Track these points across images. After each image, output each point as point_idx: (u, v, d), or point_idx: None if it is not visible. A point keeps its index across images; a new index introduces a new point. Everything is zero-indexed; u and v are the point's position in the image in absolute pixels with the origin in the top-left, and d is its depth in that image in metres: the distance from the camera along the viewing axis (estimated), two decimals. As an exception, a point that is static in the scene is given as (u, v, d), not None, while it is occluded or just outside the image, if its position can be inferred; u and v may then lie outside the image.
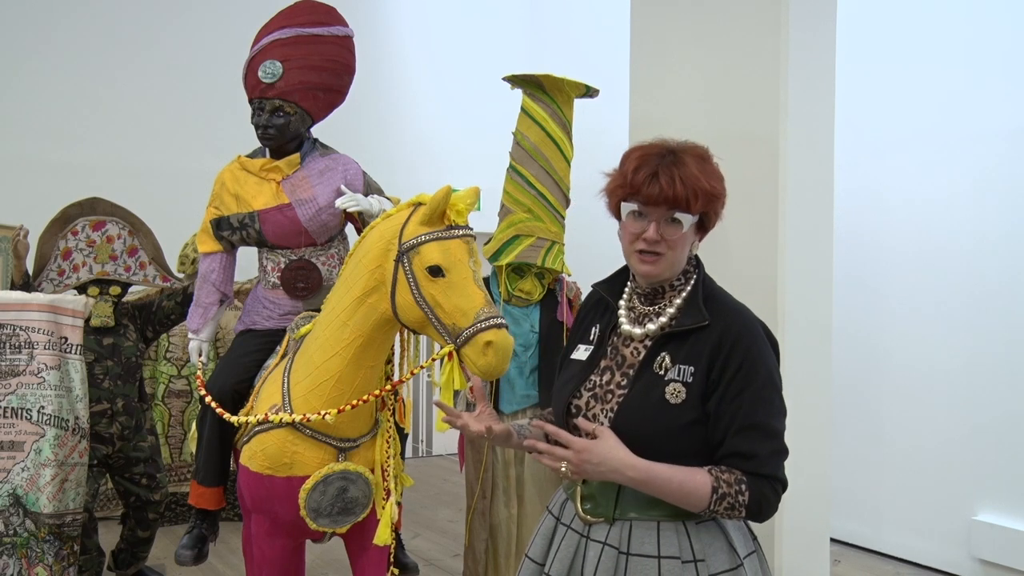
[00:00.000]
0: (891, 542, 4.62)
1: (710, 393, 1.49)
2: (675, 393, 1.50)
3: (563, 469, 1.53)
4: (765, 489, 1.46)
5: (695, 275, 1.62)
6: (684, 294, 1.60)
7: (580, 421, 1.57)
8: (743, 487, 1.45)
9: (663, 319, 1.58)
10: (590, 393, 1.62)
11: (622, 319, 1.65)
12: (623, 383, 1.58)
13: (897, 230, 4.60)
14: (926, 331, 4.46)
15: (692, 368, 1.51)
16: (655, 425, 1.51)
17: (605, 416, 1.57)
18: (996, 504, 4.17)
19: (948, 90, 4.40)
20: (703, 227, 1.61)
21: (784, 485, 1.49)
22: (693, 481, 1.46)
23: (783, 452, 1.50)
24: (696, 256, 1.66)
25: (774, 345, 1.57)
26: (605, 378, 1.62)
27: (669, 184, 1.51)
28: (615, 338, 1.66)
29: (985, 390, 4.20)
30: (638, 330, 1.60)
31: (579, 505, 1.61)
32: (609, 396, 1.59)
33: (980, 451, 4.22)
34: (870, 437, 4.68)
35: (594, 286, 1.78)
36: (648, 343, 1.59)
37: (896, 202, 4.61)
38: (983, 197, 4.24)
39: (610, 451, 1.49)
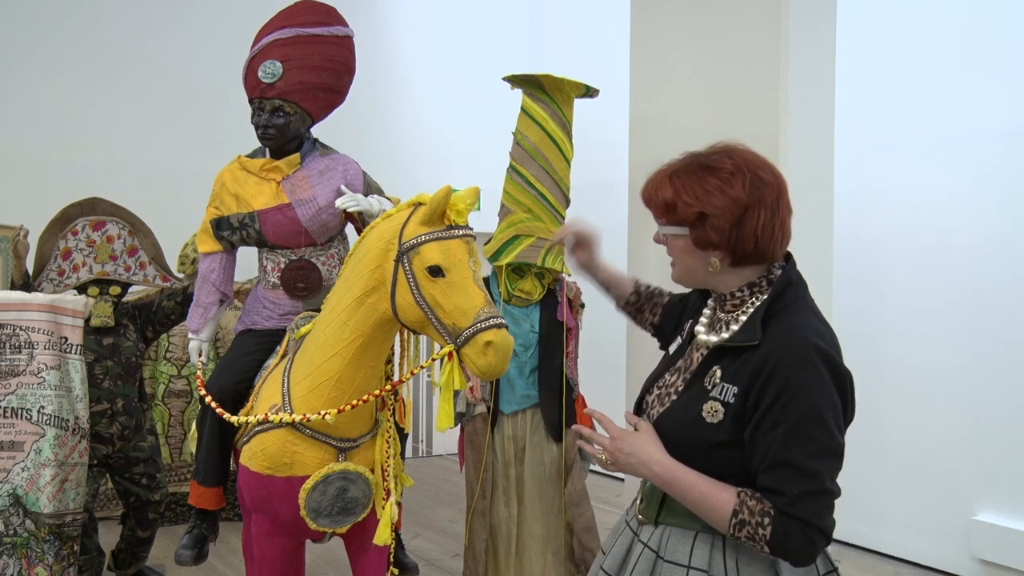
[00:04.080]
0: (891, 542, 4.62)
1: (747, 420, 1.41)
2: (712, 411, 1.45)
3: (600, 456, 1.56)
4: (792, 530, 1.34)
5: (768, 290, 1.51)
6: (752, 309, 1.50)
7: (627, 414, 1.60)
8: (766, 520, 1.36)
9: (725, 334, 1.51)
10: (658, 391, 1.62)
11: (702, 321, 1.60)
12: (680, 388, 1.56)
13: (897, 230, 4.60)
14: (926, 331, 4.45)
15: (735, 388, 1.43)
16: (687, 439, 1.48)
17: (654, 418, 1.58)
18: (996, 504, 4.17)
19: (948, 90, 4.40)
20: (703, 243, 1.50)
21: (823, 533, 1.36)
22: (716, 497, 1.41)
23: (822, 495, 1.36)
24: (784, 271, 1.54)
25: (841, 377, 1.42)
26: (672, 379, 1.61)
27: (643, 190, 1.55)
28: (694, 339, 1.62)
29: (985, 390, 4.20)
30: (703, 337, 1.56)
31: (638, 504, 1.63)
32: (666, 399, 1.58)
33: (980, 451, 4.22)
34: (870, 437, 4.68)
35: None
36: (705, 352, 1.55)
37: (896, 202, 4.60)
38: (983, 197, 4.24)
39: (642, 444, 1.49)
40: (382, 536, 2.42)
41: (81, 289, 3.49)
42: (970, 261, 4.28)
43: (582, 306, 3.29)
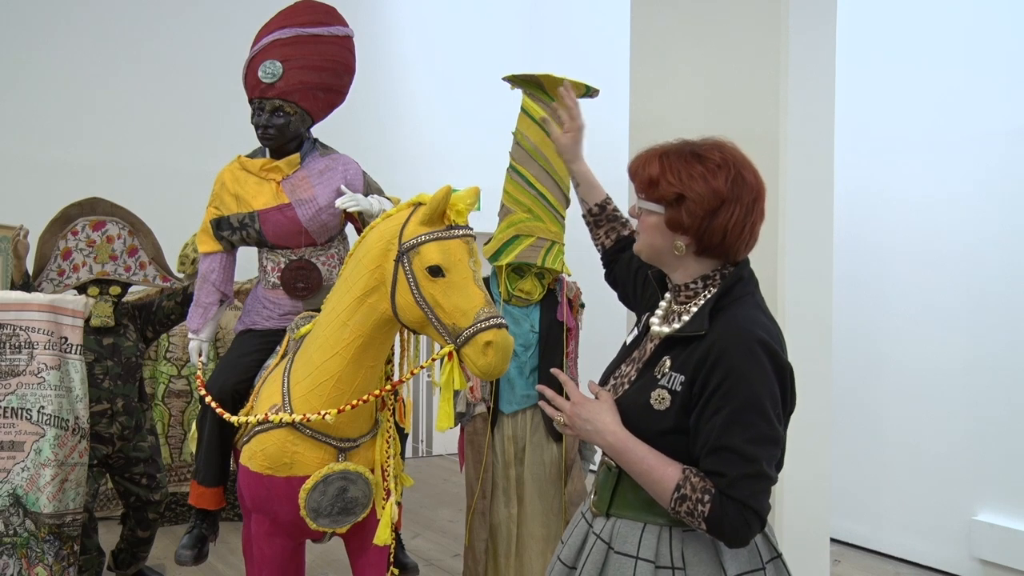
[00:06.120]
0: (891, 542, 4.62)
1: (692, 407, 1.47)
2: (660, 399, 1.50)
3: (560, 419, 1.61)
4: (729, 510, 1.39)
5: (719, 284, 1.56)
6: (703, 300, 1.55)
7: (590, 383, 1.66)
8: (706, 498, 1.40)
9: (677, 324, 1.56)
10: (614, 382, 1.67)
11: (657, 313, 1.65)
12: (632, 378, 1.61)
13: (897, 230, 4.60)
14: (926, 331, 4.46)
15: (682, 377, 1.49)
16: (636, 426, 1.52)
17: None
18: (996, 504, 4.17)
19: (948, 90, 4.40)
20: (674, 225, 1.53)
21: (758, 515, 1.41)
22: (662, 470, 1.46)
23: (760, 478, 1.41)
24: (736, 268, 1.57)
25: (782, 369, 1.47)
26: (627, 369, 1.66)
27: (631, 163, 1.62)
28: (649, 330, 1.66)
29: (985, 390, 4.20)
30: (656, 329, 1.60)
31: (592, 496, 1.67)
32: (620, 388, 1.63)
33: (980, 451, 4.22)
34: (870, 437, 4.68)
35: (650, 272, 1.79)
36: (657, 343, 1.60)
37: (896, 202, 4.61)
38: (983, 197, 4.24)
39: (600, 413, 1.55)
40: (382, 536, 2.42)
41: (81, 289, 3.49)
42: (970, 261, 4.28)
43: (582, 306, 3.29)
